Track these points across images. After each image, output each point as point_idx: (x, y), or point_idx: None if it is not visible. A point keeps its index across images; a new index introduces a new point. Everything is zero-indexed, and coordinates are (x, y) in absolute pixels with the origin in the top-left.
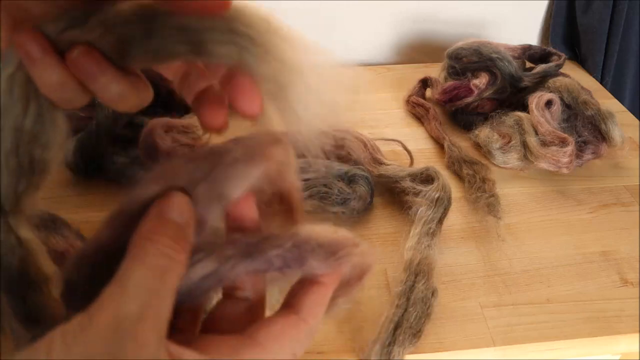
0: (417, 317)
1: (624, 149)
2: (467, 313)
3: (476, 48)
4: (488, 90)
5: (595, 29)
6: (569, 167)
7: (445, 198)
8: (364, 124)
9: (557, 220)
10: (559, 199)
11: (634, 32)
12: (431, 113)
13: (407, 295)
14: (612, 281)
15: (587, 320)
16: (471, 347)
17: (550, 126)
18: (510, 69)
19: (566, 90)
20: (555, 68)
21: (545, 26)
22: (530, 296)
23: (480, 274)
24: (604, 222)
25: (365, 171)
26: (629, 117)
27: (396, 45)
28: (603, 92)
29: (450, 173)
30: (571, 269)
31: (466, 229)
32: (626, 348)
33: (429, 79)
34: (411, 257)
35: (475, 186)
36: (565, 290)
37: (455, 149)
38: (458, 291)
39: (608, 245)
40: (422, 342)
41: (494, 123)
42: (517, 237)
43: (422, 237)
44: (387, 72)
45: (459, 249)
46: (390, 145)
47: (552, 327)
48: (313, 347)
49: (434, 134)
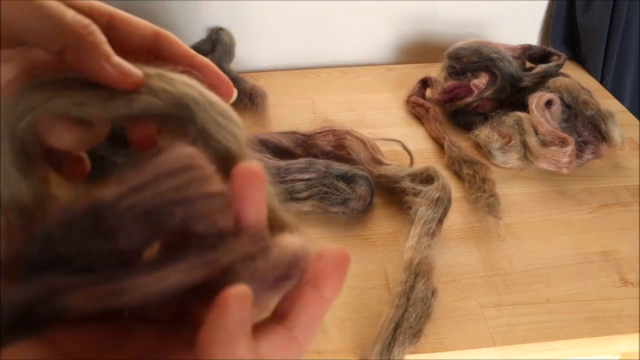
0: (417, 317)
1: (624, 149)
2: (467, 313)
3: (476, 48)
4: (488, 90)
5: (595, 29)
6: (569, 167)
7: (445, 198)
8: (364, 124)
9: (557, 220)
10: (559, 199)
11: (634, 32)
12: (431, 113)
13: (407, 295)
14: (612, 281)
15: (587, 320)
16: (471, 347)
17: (550, 126)
18: (510, 69)
19: (566, 90)
20: (555, 68)
21: (545, 26)
22: (530, 296)
23: (480, 274)
24: (604, 222)
25: (365, 171)
26: (629, 117)
27: (396, 45)
28: (603, 92)
29: (450, 173)
30: (571, 269)
31: (466, 229)
32: (626, 348)
33: (429, 79)
34: (411, 257)
35: (475, 186)
36: (565, 290)
37: (455, 149)
38: (458, 291)
39: (608, 245)
40: (422, 342)
41: (494, 123)
42: (517, 237)
43: (422, 237)
44: (387, 72)
45: (459, 249)
46: (390, 145)
47: (552, 327)
48: (313, 347)
49: (434, 134)
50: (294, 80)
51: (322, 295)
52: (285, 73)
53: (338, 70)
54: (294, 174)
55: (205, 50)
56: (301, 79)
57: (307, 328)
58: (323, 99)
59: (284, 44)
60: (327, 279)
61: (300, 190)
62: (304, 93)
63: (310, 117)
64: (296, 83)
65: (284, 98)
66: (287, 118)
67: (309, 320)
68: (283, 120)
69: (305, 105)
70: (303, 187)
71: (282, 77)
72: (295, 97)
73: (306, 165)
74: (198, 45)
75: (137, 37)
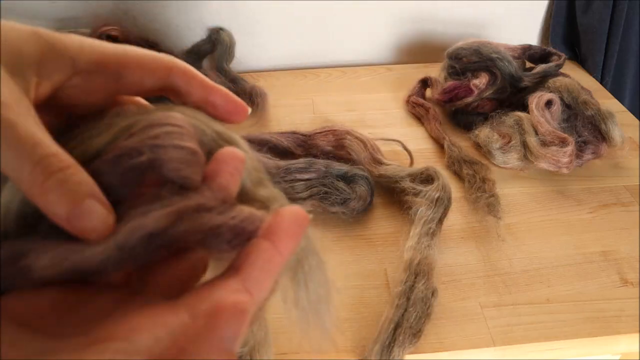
0: (417, 317)
1: (624, 149)
2: (467, 313)
3: (476, 48)
4: (488, 90)
5: (595, 29)
6: (569, 167)
7: (445, 198)
8: (364, 124)
9: (557, 220)
10: (559, 199)
11: (634, 32)
12: (431, 113)
13: (407, 295)
14: (612, 281)
15: (587, 320)
16: (471, 347)
17: (550, 126)
18: (510, 69)
19: (566, 90)
20: (555, 68)
21: (545, 26)
22: (530, 296)
23: (480, 274)
24: (604, 222)
25: (365, 171)
26: (629, 117)
27: (396, 45)
28: (603, 92)
29: (450, 173)
30: (571, 269)
31: (466, 229)
32: (626, 348)
33: (429, 79)
34: (411, 257)
35: (475, 186)
36: (565, 290)
37: (455, 149)
38: (458, 291)
39: (608, 245)
40: (422, 342)
41: (494, 123)
42: (517, 237)
43: (422, 237)
44: (387, 72)
45: (459, 249)
46: (390, 145)
47: (552, 327)
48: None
49: (434, 134)
50: (294, 80)
51: (276, 249)
52: (285, 73)
53: (338, 70)
54: (294, 174)
55: (205, 50)
56: (301, 79)
57: (260, 280)
58: (323, 99)
59: (284, 44)
60: (282, 234)
61: (300, 190)
62: (304, 93)
63: (310, 117)
64: (296, 83)
65: (284, 98)
66: (287, 118)
67: (262, 272)
68: (283, 120)
69: (305, 105)
70: (303, 187)
71: (282, 77)
72: (295, 97)
73: (306, 165)
74: (198, 45)
75: (150, 78)
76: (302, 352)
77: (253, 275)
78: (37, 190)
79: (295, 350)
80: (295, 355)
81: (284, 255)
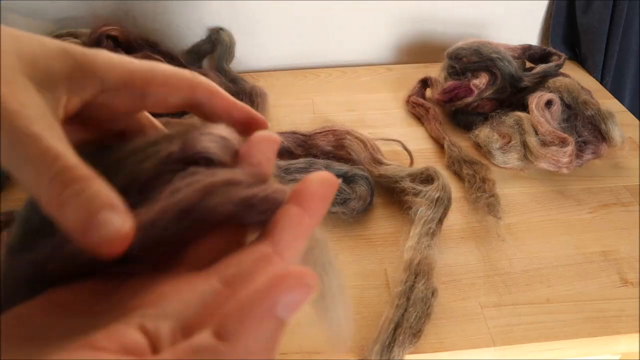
0: (417, 317)
1: (624, 149)
2: (467, 313)
3: (476, 48)
4: (488, 90)
5: (595, 29)
6: (569, 167)
7: (445, 198)
8: (364, 124)
9: (557, 220)
10: (559, 199)
11: (634, 32)
12: (431, 113)
13: (407, 295)
14: (612, 281)
15: (587, 320)
16: (471, 347)
17: (550, 126)
18: (510, 69)
19: (566, 90)
20: (555, 68)
21: (545, 26)
22: (530, 296)
23: (480, 274)
24: (604, 222)
25: (365, 171)
26: (629, 117)
27: (396, 45)
28: (603, 92)
29: (450, 173)
30: (571, 269)
31: (466, 229)
32: (626, 348)
33: (429, 79)
34: (411, 257)
35: (475, 186)
36: (565, 290)
37: (455, 149)
38: (458, 291)
39: (608, 245)
40: (422, 342)
41: (494, 123)
42: (517, 237)
43: (422, 237)
44: (387, 72)
45: (459, 249)
46: (390, 145)
47: (552, 327)
48: (313, 347)
49: (434, 134)
50: (294, 80)
51: (306, 212)
52: (285, 73)
53: (338, 70)
54: (294, 174)
55: (205, 50)
56: (301, 79)
57: (291, 243)
58: (323, 99)
59: (284, 44)
60: (311, 198)
61: None
62: (304, 93)
63: (310, 117)
64: (296, 83)
65: (284, 98)
66: (287, 118)
67: (292, 236)
68: (283, 120)
69: (305, 105)
70: None
71: (282, 77)
72: (295, 97)
73: (306, 165)
74: (198, 45)
75: (175, 96)
76: (303, 352)
77: (283, 239)
78: (54, 202)
79: (295, 350)
80: (295, 355)
81: (314, 218)
